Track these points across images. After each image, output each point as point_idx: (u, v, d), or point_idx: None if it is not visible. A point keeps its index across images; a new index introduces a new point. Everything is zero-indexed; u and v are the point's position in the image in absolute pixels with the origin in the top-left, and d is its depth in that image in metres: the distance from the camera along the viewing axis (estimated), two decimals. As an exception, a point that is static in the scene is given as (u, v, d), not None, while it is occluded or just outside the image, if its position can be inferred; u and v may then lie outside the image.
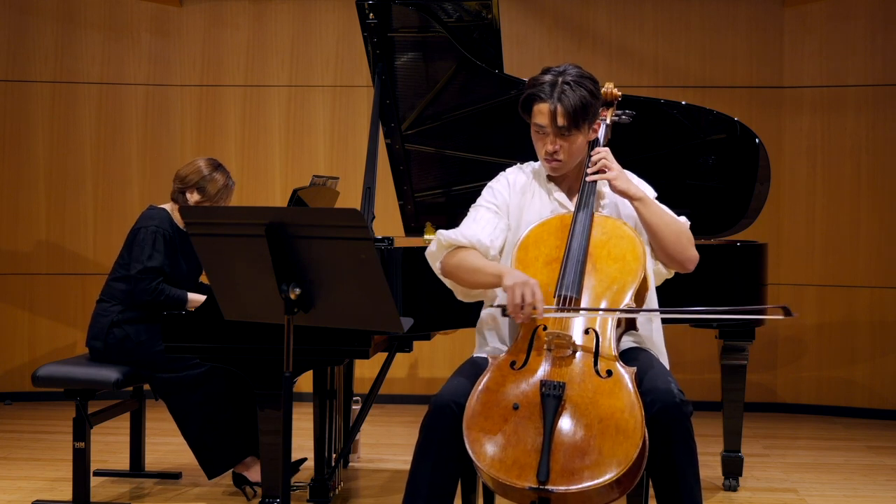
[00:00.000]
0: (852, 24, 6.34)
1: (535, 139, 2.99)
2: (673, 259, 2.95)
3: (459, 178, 4.60)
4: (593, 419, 2.57)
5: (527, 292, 2.69)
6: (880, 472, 4.95)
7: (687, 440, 2.68)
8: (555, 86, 2.90)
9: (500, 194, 3.07)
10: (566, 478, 2.50)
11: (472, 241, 2.94)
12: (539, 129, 2.95)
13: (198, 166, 4.34)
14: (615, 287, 2.80)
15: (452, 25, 4.27)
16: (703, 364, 6.34)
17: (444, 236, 2.98)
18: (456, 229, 2.99)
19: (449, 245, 2.97)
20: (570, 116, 2.89)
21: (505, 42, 4.41)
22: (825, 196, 6.42)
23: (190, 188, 4.30)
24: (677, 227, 2.95)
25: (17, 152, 6.58)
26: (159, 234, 4.19)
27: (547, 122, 2.91)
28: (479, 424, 2.62)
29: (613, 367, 2.67)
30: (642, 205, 2.93)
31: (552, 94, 2.89)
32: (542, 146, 2.97)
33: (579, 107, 2.89)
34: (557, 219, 2.95)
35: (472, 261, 2.91)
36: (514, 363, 2.72)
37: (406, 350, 4.14)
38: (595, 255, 2.85)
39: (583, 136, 2.96)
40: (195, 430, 4.17)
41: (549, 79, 2.92)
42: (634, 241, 2.87)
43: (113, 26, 6.63)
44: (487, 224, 3.00)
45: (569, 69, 2.95)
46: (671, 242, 2.92)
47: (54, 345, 6.55)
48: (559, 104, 2.88)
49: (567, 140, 2.93)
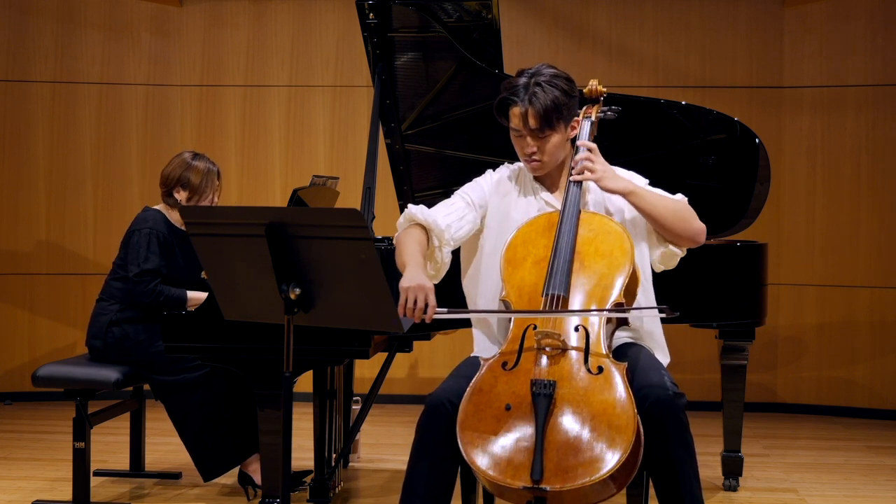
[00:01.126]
0: (852, 24, 6.34)
1: (514, 141, 3.01)
2: (681, 237, 2.95)
3: (459, 178, 4.57)
4: (585, 416, 2.58)
5: (420, 297, 2.70)
6: (880, 472, 4.95)
7: (682, 433, 2.68)
8: (526, 87, 2.92)
9: (480, 190, 3.08)
10: (560, 476, 2.50)
11: (427, 220, 2.95)
12: (515, 132, 2.97)
13: (176, 162, 4.34)
14: (604, 283, 2.81)
15: (452, 25, 4.27)
16: (703, 364, 6.34)
17: (409, 210, 2.99)
18: (424, 207, 3.00)
19: (408, 220, 2.98)
20: (541, 117, 2.90)
21: (505, 42, 4.41)
22: (825, 196, 6.42)
23: (175, 186, 4.29)
24: (675, 206, 2.95)
25: (17, 152, 6.58)
26: (153, 235, 4.19)
27: (520, 125, 2.93)
28: (472, 426, 2.62)
29: (604, 364, 2.67)
30: (635, 197, 2.93)
31: (524, 98, 2.91)
32: (521, 148, 2.99)
33: (551, 107, 2.90)
34: (544, 217, 2.96)
35: (406, 241, 2.91)
36: (505, 363, 2.72)
37: (406, 350, 4.14)
38: (583, 253, 2.85)
39: (559, 136, 2.96)
40: (192, 432, 4.17)
41: (523, 81, 2.94)
42: (622, 237, 2.87)
43: (113, 26, 6.63)
44: (454, 212, 3.01)
45: (542, 69, 2.96)
46: (674, 223, 2.92)
47: (54, 345, 6.55)
48: (530, 106, 2.90)
49: (543, 140, 2.95)
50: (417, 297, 2.70)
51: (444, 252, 2.97)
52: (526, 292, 2.83)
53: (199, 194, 4.28)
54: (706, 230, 3.02)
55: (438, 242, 2.95)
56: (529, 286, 2.83)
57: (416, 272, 2.77)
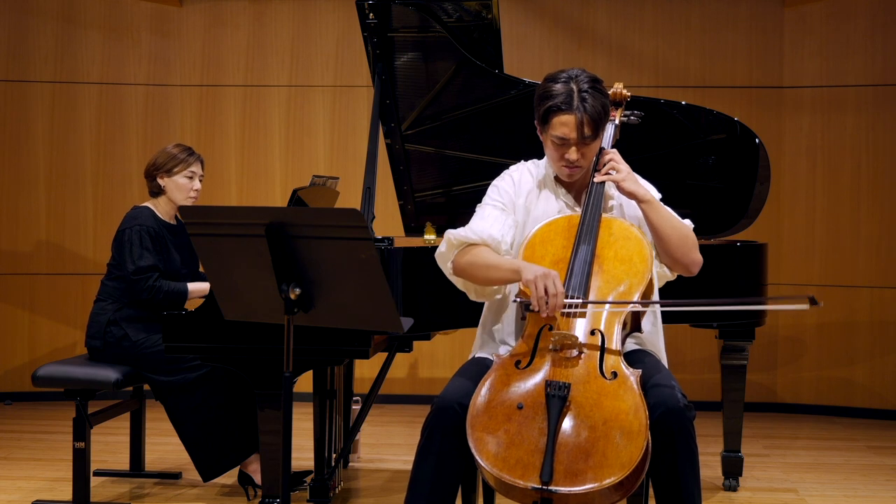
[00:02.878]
0: (852, 24, 6.34)
1: (553, 149, 2.94)
2: (677, 262, 2.95)
3: (459, 178, 4.60)
4: (598, 421, 2.57)
5: (549, 284, 2.68)
6: (880, 472, 4.95)
7: (689, 445, 2.69)
8: (572, 94, 2.87)
9: (506, 192, 3.06)
10: (569, 479, 2.50)
11: (483, 237, 2.93)
12: (559, 140, 2.91)
13: (153, 156, 4.39)
14: (622, 289, 2.80)
15: (452, 25, 4.27)
16: (703, 364, 6.34)
17: (454, 235, 2.95)
18: (465, 227, 2.97)
19: (460, 243, 2.95)
20: (594, 125, 2.88)
21: (505, 42, 4.41)
22: (825, 196, 6.42)
23: (150, 177, 4.33)
24: (683, 231, 2.95)
25: (17, 152, 6.58)
26: (144, 232, 4.20)
27: (573, 134, 2.88)
28: (483, 423, 2.62)
29: (619, 369, 2.67)
30: (649, 207, 2.92)
31: (574, 105, 2.86)
32: (561, 155, 2.93)
33: (602, 113, 2.89)
34: (565, 219, 2.95)
35: (485, 257, 2.89)
36: (519, 362, 2.72)
37: (406, 350, 4.14)
38: (602, 257, 2.85)
39: (599, 141, 2.96)
40: (192, 432, 4.17)
41: (563, 88, 2.89)
42: (642, 243, 2.87)
43: (113, 26, 6.63)
44: (496, 220, 2.98)
45: (579, 75, 2.92)
46: (676, 245, 2.92)
47: (54, 345, 6.55)
48: (585, 115, 2.86)
49: (589, 147, 2.93)
50: (547, 284, 2.68)
51: None
52: None
53: (167, 172, 4.29)
54: (706, 231, 3.02)
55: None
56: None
57: (530, 264, 2.77)
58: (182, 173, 4.31)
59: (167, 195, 4.32)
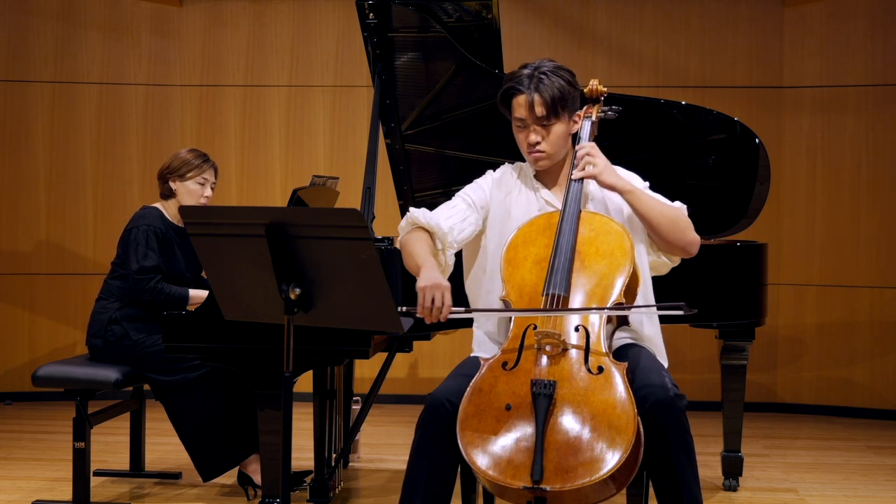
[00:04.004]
0: (852, 24, 6.34)
1: (517, 133, 3.01)
2: (673, 245, 2.95)
3: (459, 178, 4.58)
4: (585, 416, 2.58)
5: (437, 296, 2.71)
6: (880, 472, 4.95)
7: (683, 434, 2.67)
8: (532, 77, 2.94)
9: (481, 191, 3.09)
10: (560, 476, 2.50)
11: (431, 224, 2.95)
12: (519, 122, 2.98)
13: (168, 158, 4.41)
14: (604, 283, 2.81)
15: (452, 25, 4.27)
16: (703, 364, 6.34)
17: (411, 213, 3.00)
18: (426, 210, 3.00)
19: (410, 223, 3.00)
20: (548, 105, 2.92)
21: (505, 42, 4.41)
22: (825, 196, 6.42)
23: (163, 179, 4.34)
24: (672, 213, 2.94)
25: (17, 152, 6.58)
26: (151, 232, 4.20)
27: (526, 114, 2.94)
28: (472, 426, 2.62)
29: (604, 364, 2.67)
30: (632, 196, 2.93)
31: (529, 86, 2.93)
32: (524, 139, 2.99)
33: (557, 95, 2.92)
34: (545, 217, 2.96)
35: (414, 244, 2.92)
36: (505, 363, 2.72)
37: (406, 350, 4.14)
38: (583, 253, 2.85)
39: (563, 126, 2.97)
40: (191, 432, 4.17)
41: (527, 72, 2.97)
42: (622, 236, 2.87)
43: (113, 26, 6.63)
44: (455, 214, 3.01)
45: (545, 62, 3.00)
46: (669, 230, 2.92)
47: (54, 345, 6.55)
48: (536, 94, 2.92)
49: (547, 130, 2.96)
50: (435, 295, 2.71)
51: (447, 255, 2.97)
52: (526, 292, 2.83)
53: (179, 176, 4.30)
54: (706, 231, 3.02)
55: (442, 245, 2.95)
56: (530, 286, 2.83)
57: (432, 272, 2.78)
58: (194, 179, 4.32)
59: (177, 199, 4.33)
